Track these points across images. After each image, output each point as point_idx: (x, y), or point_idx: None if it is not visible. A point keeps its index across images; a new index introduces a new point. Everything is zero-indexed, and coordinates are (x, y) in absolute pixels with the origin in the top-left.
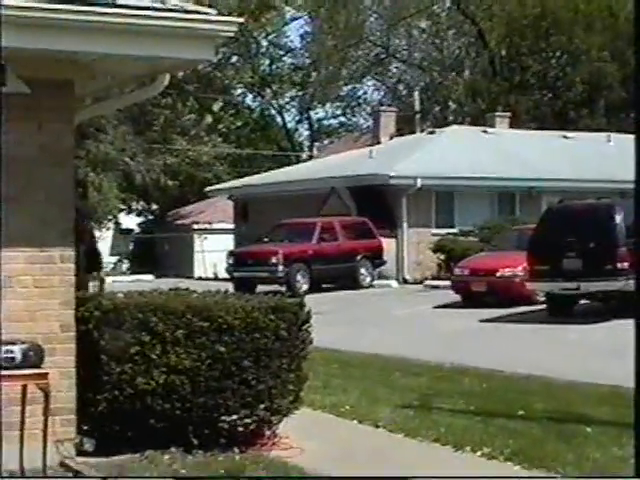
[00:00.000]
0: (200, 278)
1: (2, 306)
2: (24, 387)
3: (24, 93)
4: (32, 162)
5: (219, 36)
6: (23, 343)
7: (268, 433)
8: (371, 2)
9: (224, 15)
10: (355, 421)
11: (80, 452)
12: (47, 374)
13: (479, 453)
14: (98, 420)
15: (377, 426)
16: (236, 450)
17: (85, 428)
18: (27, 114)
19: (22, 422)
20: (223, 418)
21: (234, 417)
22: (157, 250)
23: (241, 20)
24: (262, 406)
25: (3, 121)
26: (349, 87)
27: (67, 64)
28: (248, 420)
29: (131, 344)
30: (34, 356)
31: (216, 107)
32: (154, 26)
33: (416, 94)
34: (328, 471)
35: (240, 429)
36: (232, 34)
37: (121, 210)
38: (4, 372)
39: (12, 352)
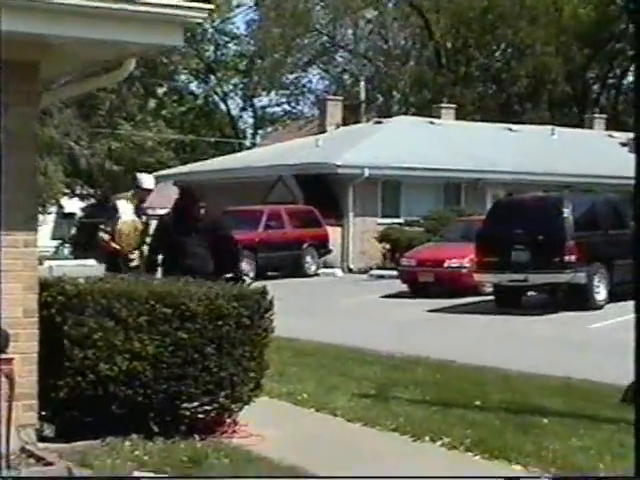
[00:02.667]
0: None
1: None
2: None
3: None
4: None
5: (188, 22)
6: None
7: (229, 421)
8: None
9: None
10: (313, 409)
11: (40, 438)
12: (13, 359)
13: (439, 443)
14: (59, 406)
15: (335, 415)
16: (197, 437)
17: (45, 414)
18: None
19: None
20: (184, 405)
21: (195, 404)
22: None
23: (212, 7)
24: (223, 393)
25: None
26: (294, 75)
27: (34, 46)
28: (209, 407)
29: (94, 330)
30: (0, 341)
31: (160, 92)
32: (124, 10)
33: (362, 84)
34: (290, 459)
35: (201, 416)
36: (201, 20)
37: (65, 194)
38: None
39: None
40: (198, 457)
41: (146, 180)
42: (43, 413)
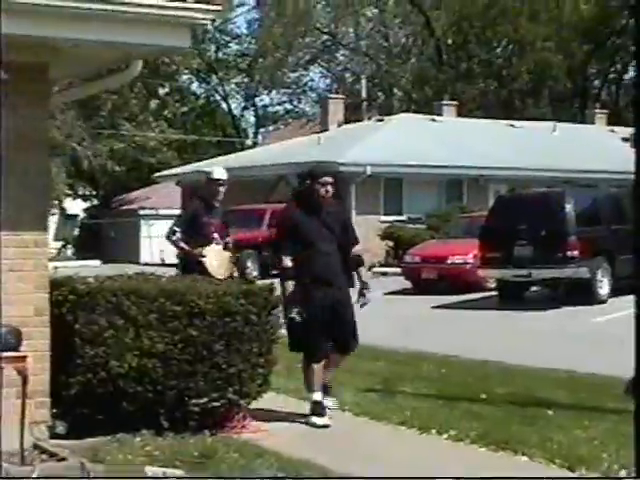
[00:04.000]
0: (146, 264)
1: None
2: (0, 370)
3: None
4: (9, 148)
5: (197, 24)
6: (1, 326)
7: (237, 416)
8: None
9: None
10: None
11: (53, 435)
12: (26, 357)
13: (445, 436)
14: (70, 403)
15: (343, 409)
16: (207, 433)
17: (56, 411)
18: (2, 99)
19: None
20: (194, 401)
21: (204, 400)
22: (103, 236)
23: (219, 8)
24: (232, 389)
25: None
26: (295, 74)
27: (43, 49)
28: (218, 403)
29: (105, 328)
30: (12, 339)
31: (162, 92)
32: (132, 13)
33: (363, 82)
34: (299, 453)
35: (210, 412)
36: (209, 22)
37: (67, 195)
38: None
39: None
40: (208, 452)
41: (217, 170)
42: (55, 410)
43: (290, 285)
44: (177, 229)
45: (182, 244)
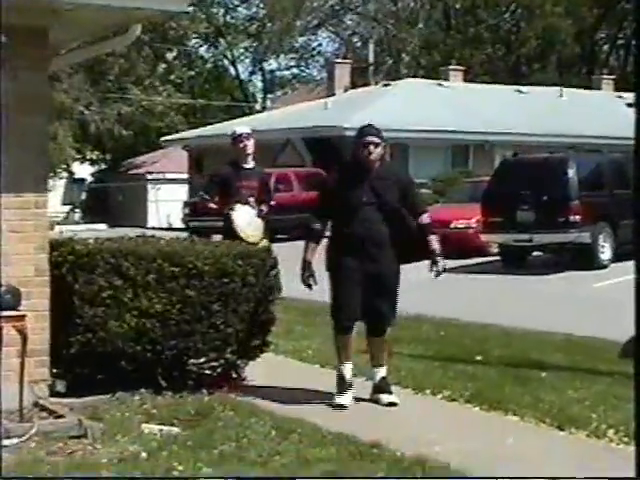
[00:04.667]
0: (153, 228)
1: None
2: None
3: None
4: (9, 111)
5: None
6: (1, 286)
7: (235, 376)
8: None
9: None
10: (317, 365)
11: (52, 393)
12: (25, 316)
13: (439, 396)
14: (70, 362)
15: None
16: (204, 392)
17: (56, 370)
18: (3, 63)
19: None
20: (192, 361)
21: (202, 360)
22: (110, 200)
23: None
24: (230, 349)
25: None
26: (303, 39)
27: (43, 12)
28: (216, 363)
29: (104, 288)
30: (12, 298)
31: (170, 57)
32: None
33: (371, 46)
34: (294, 412)
35: (208, 372)
36: None
37: (75, 159)
38: None
39: None
40: (204, 410)
41: (238, 127)
42: (55, 369)
43: (312, 248)
44: (206, 196)
45: (211, 204)
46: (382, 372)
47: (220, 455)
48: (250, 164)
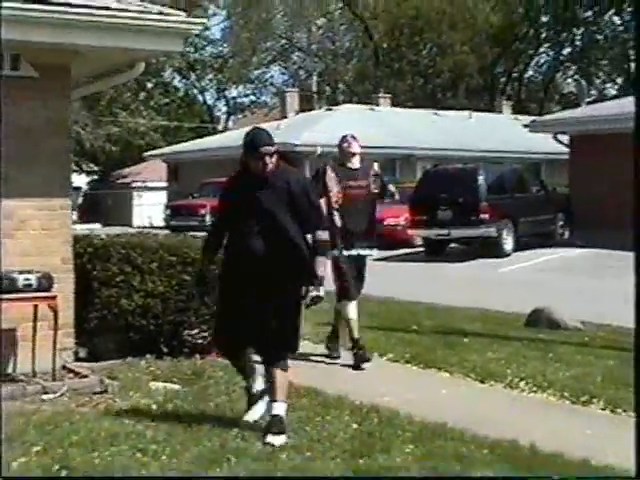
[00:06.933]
0: (138, 227)
1: (16, 244)
2: (35, 307)
3: (34, 76)
4: (39, 132)
5: (188, 33)
6: (37, 272)
7: None
8: (278, 2)
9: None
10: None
11: (76, 359)
12: (56, 297)
13: (384, 358)
14: (90, 334)
15: (303, 339)
16: (197, 357)
17: (79, 340)
18: (35, 93)
19: (34, 335)
20: (187, 332)
21: (195, 331)
22: (102, 204)
23: (205, 21)
24: None
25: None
26: (259, 71)
27: (67, 53)
28: (206, 334)
29: (116, 273)
30: (46, 282)
31: (149, 86)
32: (138, 25)
33: (314, 78)
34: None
35: (200, 341)
36: (197, 31)
37: (74, 171)
38: (24, 295)
39: (29, 279)
40: (199, 371)
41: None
42: (78, 340)
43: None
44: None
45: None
46: (277, 408)
47: (216, 406)
48: (356, 164)
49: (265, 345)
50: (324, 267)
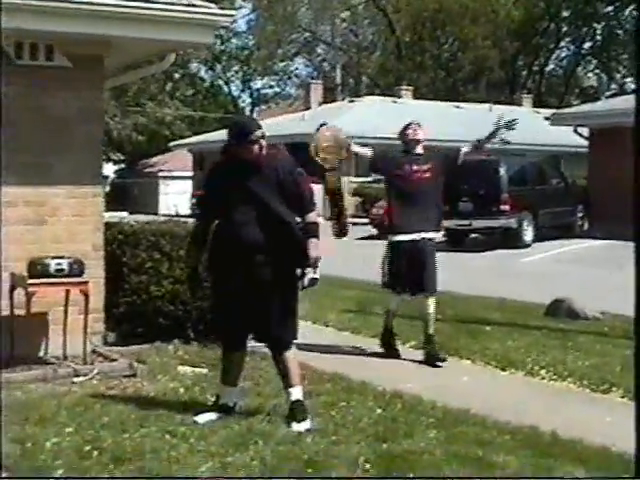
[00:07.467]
0: (164, 215)
1: (49, 231)
2: (67, 292)
3: (67, 67)
4: (73, 121)
5: (218, 25)
6: (69, 258)
7: None
8: None
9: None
10: (310, 322)
11: (105, 343)
12: (87, 282)
13: (408, 345)
14: (119, 318)
15: (327, 326)
16: None
17: (108, 325)
18: (69, 84)
19: (65, 319)
20: None
21: None
22: (129, 192)
23: (234, 12)
24: None
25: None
26: (283, 64)
27: (100, 44)
28: None
29: (146, 260)
30: (77, 268)
31: (176, 77)
32: (170, 16)
33: (338, 70)
34: (300, 359)
35: None
36: (228, 23)
37: (102, 160)
38: (56, 280)
39: (61, 265)
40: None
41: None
42: (107, 324)
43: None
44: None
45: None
46: (295, 394)
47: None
48: (419, 150)
49: (267, 332)
50: (317, 248)
